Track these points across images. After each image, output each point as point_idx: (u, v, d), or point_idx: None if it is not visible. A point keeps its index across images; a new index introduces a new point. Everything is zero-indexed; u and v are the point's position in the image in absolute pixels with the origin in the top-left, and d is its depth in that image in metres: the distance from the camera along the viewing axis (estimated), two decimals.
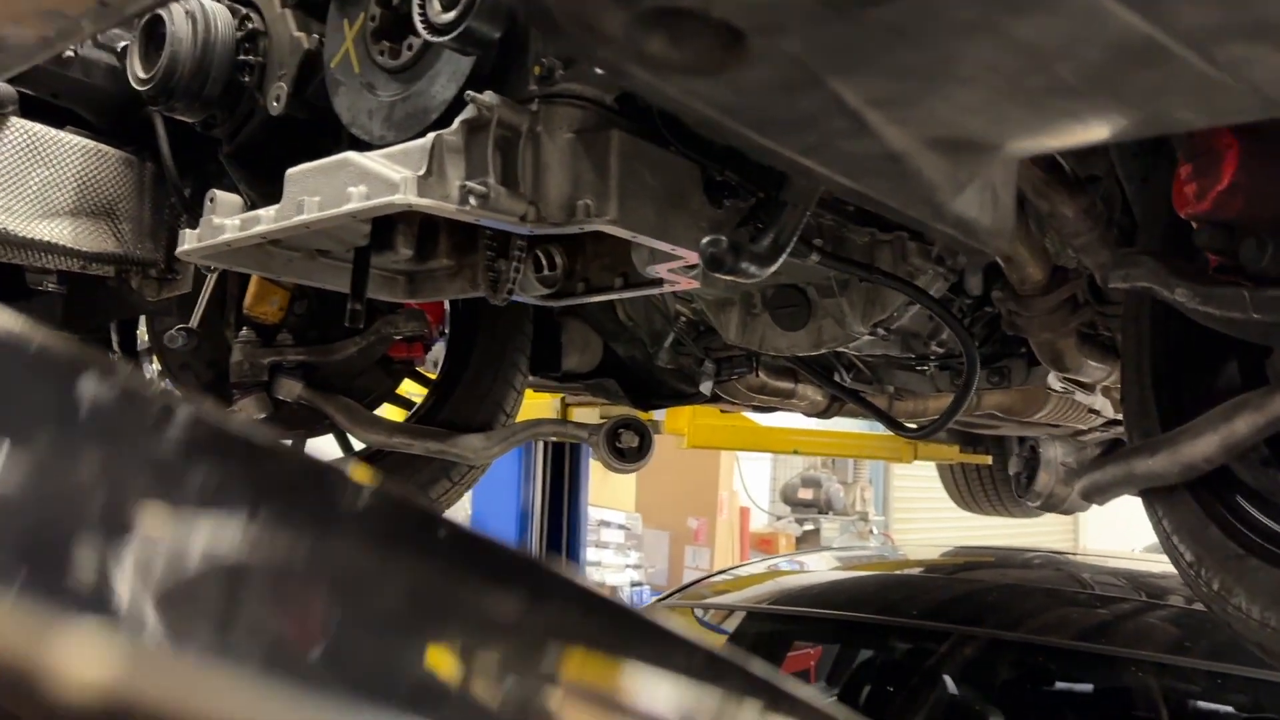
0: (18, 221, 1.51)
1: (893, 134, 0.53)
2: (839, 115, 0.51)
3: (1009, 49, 0.44)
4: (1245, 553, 1.09)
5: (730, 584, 3.81)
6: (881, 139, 0.53)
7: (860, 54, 0.46)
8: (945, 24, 0.42)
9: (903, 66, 0.47)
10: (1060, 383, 2.23)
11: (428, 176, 1.13)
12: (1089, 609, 3.26)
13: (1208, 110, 0.51)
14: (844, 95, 0.49)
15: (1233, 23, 0.41)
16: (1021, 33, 0.43)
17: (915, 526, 11.78)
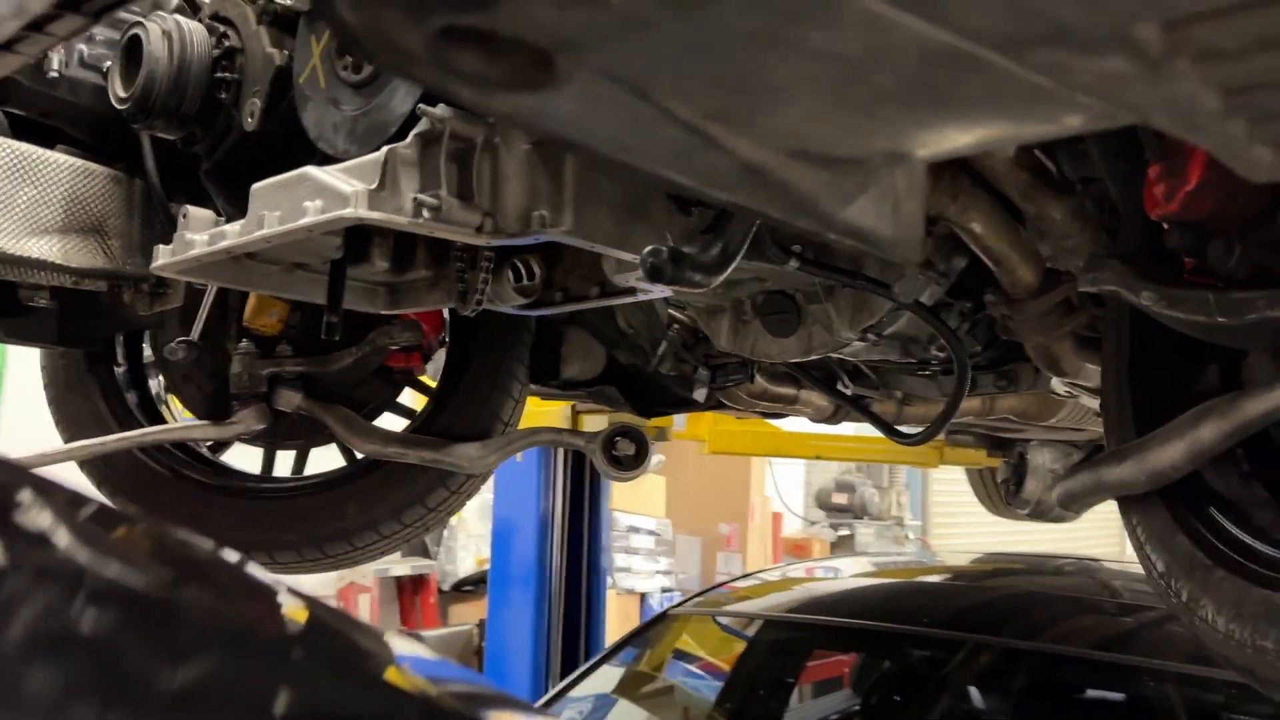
0: (7, 239, 1.54)
1: (744, 146, 0.53)
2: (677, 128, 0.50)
3: (813, 60, 0.43)
4: (1213, 563, 1.06)
5: (750, 590, 3.79)
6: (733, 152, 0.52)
7: (667, 68, 0.45)
8: (734, 37, 0.42)
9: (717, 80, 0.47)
10: (1063, 387, 2.19)
11: (380, 190, 1.14)
12: (1113, 617, 3.20)
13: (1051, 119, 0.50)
14: (674, 109, 0.49)
15: (1029, 28, 0.40)
16: (816, 44, 0.42)
17: (955, 532, 11.64)
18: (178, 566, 0.71)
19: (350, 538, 2.13)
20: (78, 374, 2.17)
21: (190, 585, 0.69)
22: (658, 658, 3.44)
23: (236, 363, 2.09)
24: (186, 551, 0.73)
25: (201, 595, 0.69)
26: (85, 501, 0.74)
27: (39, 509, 0.67)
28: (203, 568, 0.73)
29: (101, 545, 0.68)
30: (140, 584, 0.64)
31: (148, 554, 0.72)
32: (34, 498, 0.67)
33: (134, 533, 0.74)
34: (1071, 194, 1.64)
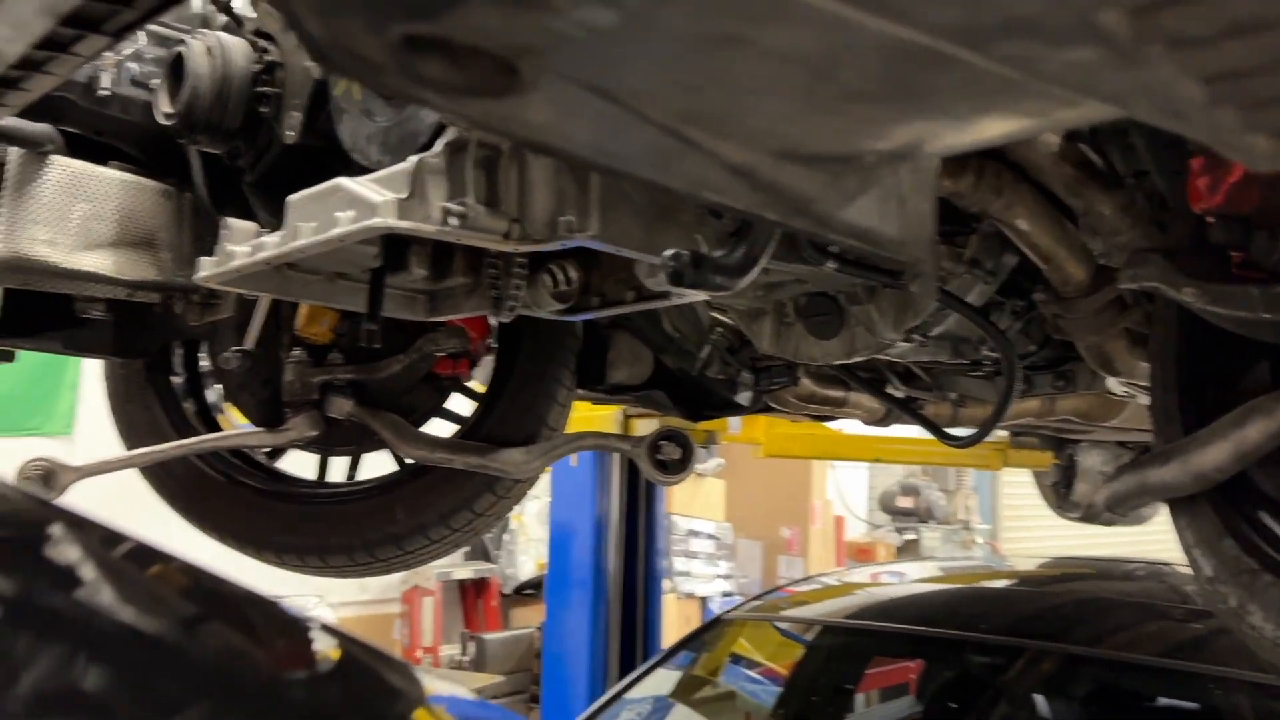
0: (62, 254, 1.59)
1: (726, 148, 0.52)
2: (656, 132, 0.50)
3: (774, 60, 0.43)
4: (1260, 568, 1.02)
5: (807, 595, 3.76)
6: (716, 154, 0.52)
7: (629, 72, 0.45)
8: (687, 40, 0.41)
9: (682, 82, 0.46)
10: (1120, 386, 2.13)
11: (409, 199, 1.15)
12: (1183, 623, 3.10)
13: (1037, 112, 0.48)
14: (647, 112, 0.48)
15: (986, 20, 0.39)
16: (772, 44, 0.41)
17: (1025, 536, 11.39)
18: (210, 604, 0.72)
19: (400, 542, 2.16)
20: (138, 384, 2.23)
21: (221, 623, 0.70)
22: (714, 662, 3.43)
23: (289, 371, 2.13)
24: (219, 589, 0.74)
25: (231, 634, 0.69)
26: (121, 539, 0.75)
27: (70, 545, 0.68)
28: (236, 606, 0.74)
29: (134, 583, 0.70)
30: (158, 624, 0.65)
31: (180, 592, 0.73)
32: (66, 534, 0.69)
33: (168, 571, 0.75)
34: (1121, 188, 1.59)
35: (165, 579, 0.77)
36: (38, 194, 1.57)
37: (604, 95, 0.47)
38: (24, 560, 0.68)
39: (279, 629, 0.74)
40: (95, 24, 0.75)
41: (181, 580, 0.77)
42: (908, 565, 4.88)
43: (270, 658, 0.68)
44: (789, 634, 3.54)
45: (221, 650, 0.66)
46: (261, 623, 0.74)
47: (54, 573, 0.67)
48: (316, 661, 0.69)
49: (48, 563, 0.68)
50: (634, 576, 4.40)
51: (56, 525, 0.73)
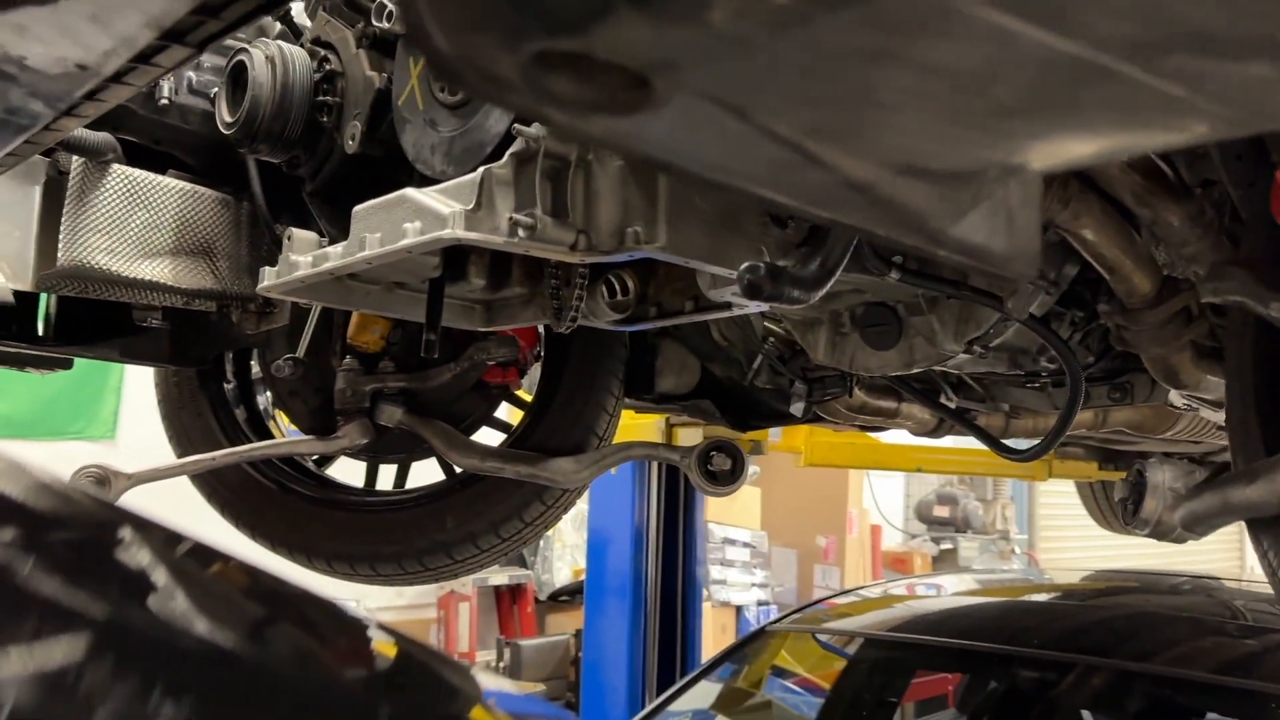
0: (122, 262, 1.60)
1: (849, 164, 0.50)
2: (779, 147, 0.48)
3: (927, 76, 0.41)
4: None
5: (848, 607, 3.71)
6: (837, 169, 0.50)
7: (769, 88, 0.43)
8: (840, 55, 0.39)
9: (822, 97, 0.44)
10: (1182, 399, 2.08)
11: (476, 210, 1.15)
12: (1235, 639, 3.04)
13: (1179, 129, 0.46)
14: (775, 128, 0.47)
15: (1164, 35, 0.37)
16: (931, 58, 0.39)
17: (1063, 546, 11.25)
18: (274, 606, 0.72)
19: (449, 550, 2.15)
20: (189, 391, 2.24)
21: (288, 625, 0.69)
22: (756, 674, 3.40)
23: (341, 379, 2.13)
24: (278, 589, 0.74)
25: (299, 637, 0.69)
26: (182, 539, 0.75)
27: (139, 548, 0.68)
28: (296, 607, 0.73)
29: (203, 587, 0.69)
30: (230, 631, 0.64)
31: (244, 593, 0.73)
32: (134, 536, 0.69)
33: (228, 570, 0.75)
34: (1190, 198, 1.55)
35: (227, 579, 0.77)
36: (98, 203, 1.58)
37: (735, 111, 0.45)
38: (97, 565, 0.68)
39: (338, 629, 0.74)
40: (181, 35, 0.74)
41: (242, 580, 0.77)
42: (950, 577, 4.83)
43: (334, 659, 0.68)
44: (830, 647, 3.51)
45: (293, 655, 0.66)
46: (322, 623, 0.73)
47: (126, 577, 0.66)
48: (375, 661, 0.68)
49: (121, 566, 0.68)
50: (673, 585, 4.37)
51: (124, 527, 0.73)
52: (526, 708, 0.81)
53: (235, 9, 0.74)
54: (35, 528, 0.68)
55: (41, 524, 0.70)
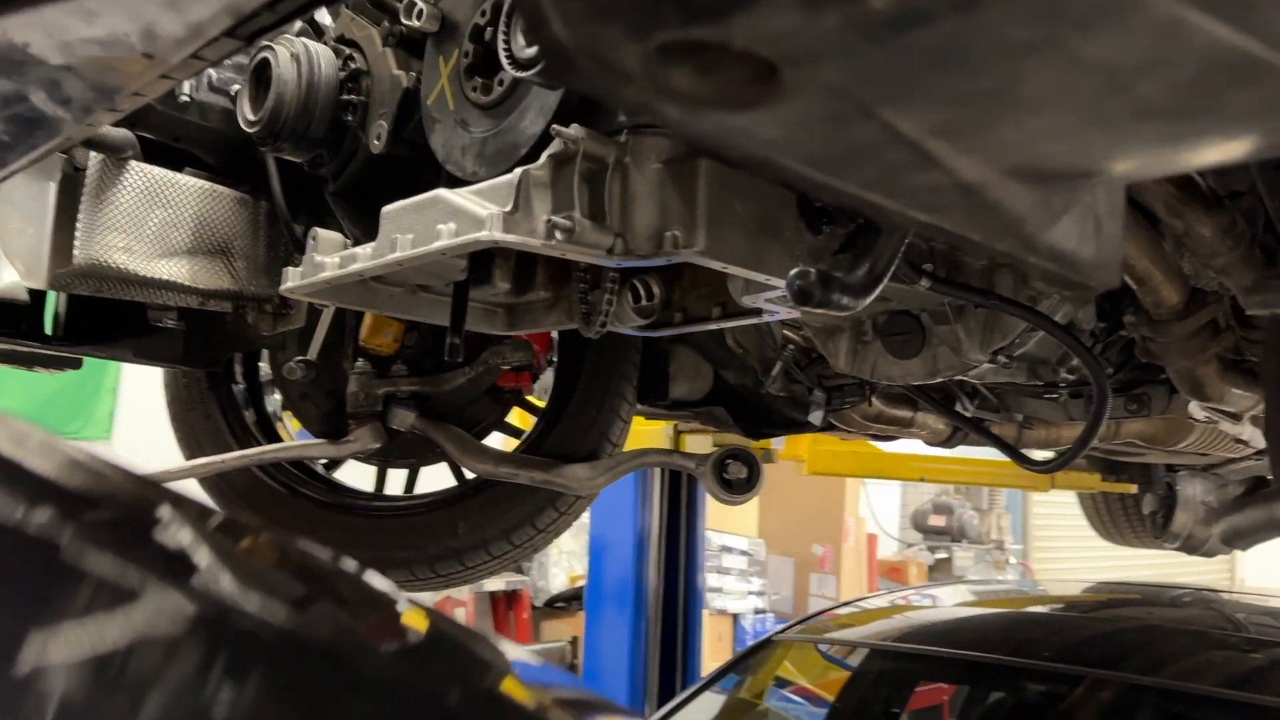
0: (139, 261, 1.57)
1: (964, 164, 0.48)
2: (897, 147, 0.46)
3: (1080, 70, 0.39)
4: None
5: (853, 617, 3.69)
6: (951, 170, 0.48)
7: (907, 82, 0.41)
8: (999, 46, 0.37)
9: (960, 93, 0.42)
10: (1203, 412, 2.07)
11: (514, 212, 1.12)
12: (1242, 653, 3.02)
13: None
14: (899, 125, 0.44)
15: None
16: (1091, 52, 0.37)
17: (1056, 557, 11.26)
18: (309, 579, 0.71)
19: (461, 557, 2.13)
20: (199, 393, 2.21)
21: (327, 602, 0.68)
22: (760, 684, 3.37)
23: (353, 382, 2.10)
24: (309, 562, 0.73)
25: (338, 613, 0.68)
26: (212, 513, 0.74)
27: (179, 525, 0.67)
28: (330, 580, 0.72)
29: (241, 562, 0.68)
30: (274, 606, 0.63)
31: (279, 567, 0.72)
32: (173, 513, 0.68)
33: (260, 544, 0.74)
34: (1221, 209, 1.54)
35: (262, 553, 0.76)
36: (116, 200, 1.55)
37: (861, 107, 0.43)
38: (139, 542, 0.67)
39: (371, 602, 0.73)
40: (233, 28, 0.72)
41: (274, 554, 0.76)
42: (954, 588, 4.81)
43: (370, 632, 0.67)
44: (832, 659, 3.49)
45: (336, 632, 0.65)
46: (355, 596, 0.72)
47: (170, 554, 0.65)
48: (408, 634, 0.67)
49: (160, 546, 0.67)
50: (674, 592, 4.35)
51: (163, 505, 0.72)
52: (548, 678, 0.80)
53: (290, 2, 0.72)
54: (72, 504, 0.66)
55: (79, 501, 0.68)
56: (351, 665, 0.58)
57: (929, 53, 0.38)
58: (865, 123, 0.44)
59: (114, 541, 0.64)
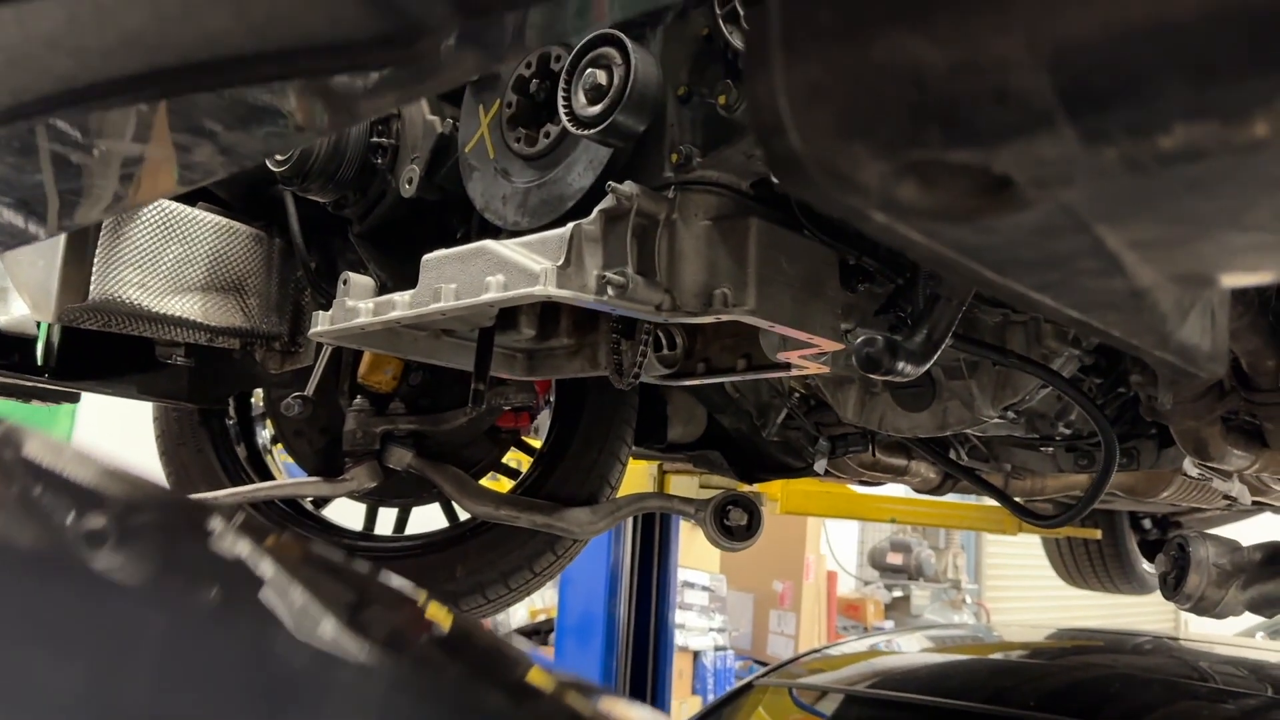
0: (152, 297, 1.54)
1: (1144, 272, 0.49)
2: (1094, 257, 0.46)
3: None
4: None
5: (828, 662, 3.69)
6: (1131, 277, 0.48)
7: (1144, 204, 0.41)
8: (1253, 180, 0.38)
9: (1186, 214, 0.43)
10: (1197, 469, 2.11)
11: (566, 266, 1.11)
12: (1212, 704, 3.07)
13: None
14: (1106, 239, 0.45)
15: None
16: None
17: (1009, 595, 11.38)
18: (351, 584, 0.71)
19: (457, 600, 2.09)
20: (190, 427, 2.16)
21: (374, 605, 0.69)
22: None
23: (350, 419, 2.07)
24: (335, 563, 0.74)
25: (383, 612, 0.68)
26: (261, 524, 0.74)
27: (234, 536, 0.67)
28: (362, 581, 0.72)
29: (293, 567, 0.69)
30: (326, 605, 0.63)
31: (317, 570, 0.72)
32: (224, 525, 0.68)
33: (283, 544, 0.75)
34: None
35: (288, 552, 0.76)
36: (132, 235, 1.52)
37: (1081, 223, 0.43)
38: (184, 547, 0.66)
39: (399, 599, 0.74)
40: None
41: (300, 553, 0.77)
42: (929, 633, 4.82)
43: (406, 627, 0.68)
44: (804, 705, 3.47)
45: (384, 633, 0.65)
46: (386, 595, 0.73)
47: (217, 561, 0.65)
48: (434, 628, 0.65)
49: (208, 550, 0.66)
50: (645, 629, 4.32)
51: (211, 516, 0.72)
52: (553, 665, 0.81)
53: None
54: (118, 514, 0.66)
55: (123, 510, 0.68)
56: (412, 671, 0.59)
57: (1181, 181, 0.38)
58: (1076, 236, 0.44)
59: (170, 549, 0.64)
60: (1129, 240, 0.45)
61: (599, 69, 1.12)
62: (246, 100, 0.54)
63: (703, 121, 1.17)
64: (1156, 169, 0.37)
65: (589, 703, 0.64)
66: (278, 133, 0.57)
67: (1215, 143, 0.34)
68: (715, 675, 7.19)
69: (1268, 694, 3.14)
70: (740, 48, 1.07)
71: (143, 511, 0.70)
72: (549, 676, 0.65)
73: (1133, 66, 0.32)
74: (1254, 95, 0.32)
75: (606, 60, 1.12)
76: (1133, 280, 0.49)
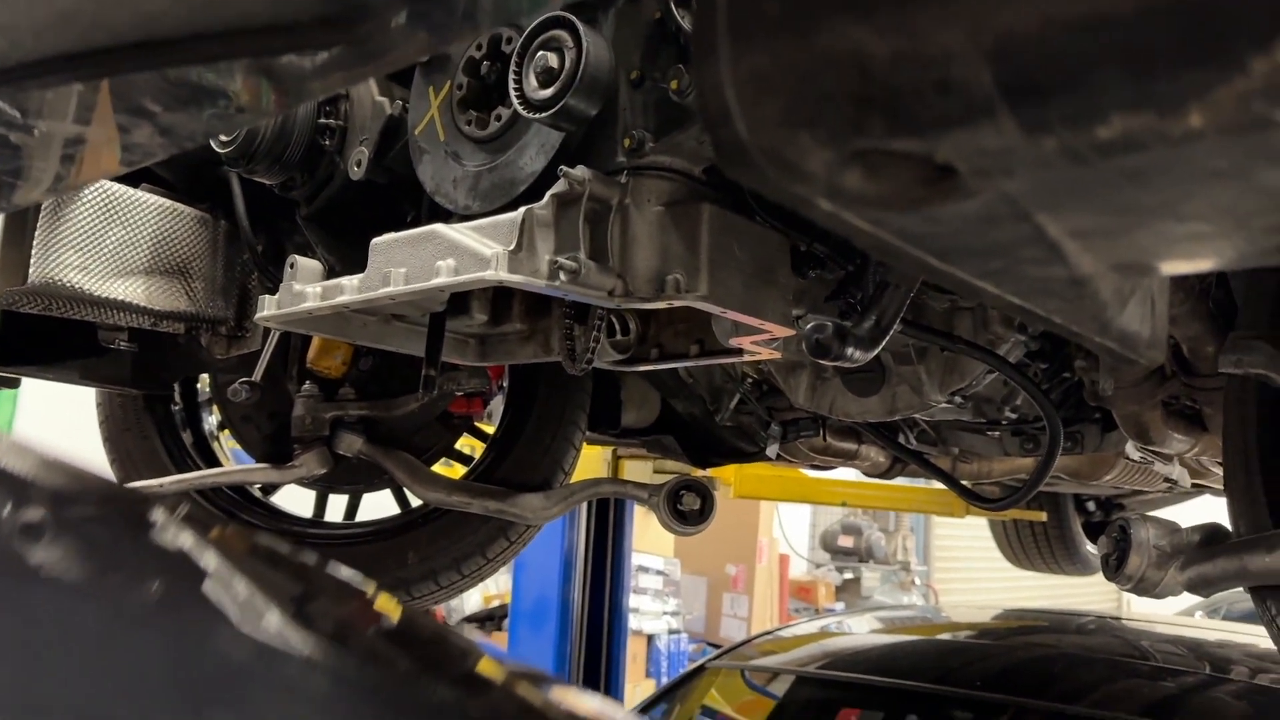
0: (94, 281, 1.50)
1: (1085, 261, 0.50)
2: (1035, 246, 0.47)
3: (1249, 194, 0.40)
4: None
5: (779, 644, 3.73)
6: (1071, 266, 0.49)
7: (1084, 194, 0.42)
8: (1190, 171, 0.38)
9: (1125, 205, 0.43)
10: (1139, 453, 2.16)
11: (518, 251, 1.11)
12: (1153, 681, 3.14)
13: None
14: (1047, 228, 0.46)
15: None
16: (1272, 180, 0.39)
17: (957, 577, 11.58)
18: (297, 576, 0.70)
19: (409, 587, 2.08)
20: (134, 413, 2.12)
21: (321, 598, 0.68)
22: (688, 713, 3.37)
23: (299, 405, 2.05)
24: (281, 555, 0.73)
25: (331, 605, 0.68)
26: (207, 515, 0.73)
27: (175, 528, 0.66)
28: (309, 572, 0.72)
29: (238, 559, 0.68)
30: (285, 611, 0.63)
31: (263, 562, 0.71)
32: (167, 517, 0.67)
33: (228, 535, 0.74)
34: None
35: (233, 544, 0.75)
36: (72, 217, 1.48)
37: (1023, 212, 0.44)
38: (125, 540, 0.66)
39: (347, 591, 0.73)
40: None
41: (246, 545, 0.76)
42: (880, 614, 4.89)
43: (355, 619, 0.68)
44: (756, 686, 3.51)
45: (331, 626, 0.65)
46: (334, 587, 0.73)
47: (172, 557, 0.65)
48: (383, 620, 0.68)
49: (149, 543, 0.66)
50: (600, 614, 4.33)
51: (154, 507, 0.71)
52: (503, 655, 0.81)
53: None
54: (56, 506, 0.64)
55: (61, 502, 0.66)
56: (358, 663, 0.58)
57: (1120, 172, 0.39)
58: (1018, 225, 0.45)
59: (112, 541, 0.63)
60: (1069, 229, 0.46)
61: (550, 52, 1.11)
62: (189, 80, 0.53)
63: (655, 106, 1.16)
64: (1095, 159, 0.37)
65: (540, 693, 0.64)
66: (220, 114, 0.56)
67: (1152, 134, 0.35)
68: (669, 658, 7.24)
69: (1205, 671, 3.22)
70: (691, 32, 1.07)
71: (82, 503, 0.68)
72: (499, 667, 0.65)
73: (1071, 59, 0.33)
74: (1188, 88, 0.32)
75: (558, 43, 1.12)
76: (1073, 268, 0.49)
